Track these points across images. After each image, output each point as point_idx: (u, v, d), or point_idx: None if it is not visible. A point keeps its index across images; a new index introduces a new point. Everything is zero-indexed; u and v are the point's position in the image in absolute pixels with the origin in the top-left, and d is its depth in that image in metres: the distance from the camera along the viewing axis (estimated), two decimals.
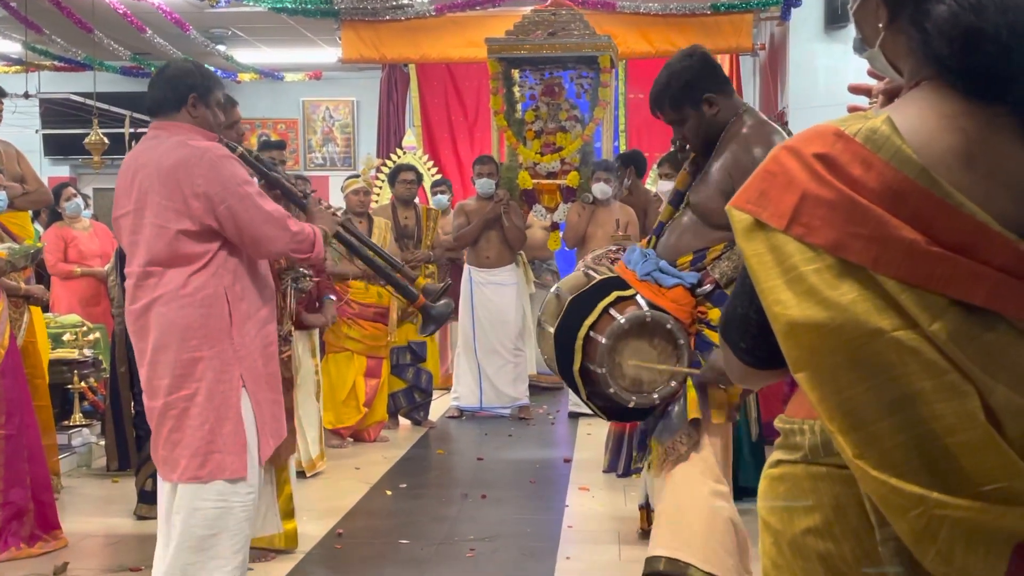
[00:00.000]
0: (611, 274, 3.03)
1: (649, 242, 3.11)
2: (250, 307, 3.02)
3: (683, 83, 2.92)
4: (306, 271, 4.40)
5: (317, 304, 5.15)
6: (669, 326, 2.85)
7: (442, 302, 3.98)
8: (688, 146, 3.05)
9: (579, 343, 2.94)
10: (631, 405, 2.90)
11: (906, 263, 1.06)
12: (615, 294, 2.93)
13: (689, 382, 2.86)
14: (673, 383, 2.88)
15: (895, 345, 1.05)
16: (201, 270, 2.94)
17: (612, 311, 2.90)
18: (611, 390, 2.88)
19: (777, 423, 1.31)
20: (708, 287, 2.87)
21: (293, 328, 4.36)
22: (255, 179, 3.11)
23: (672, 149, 6.12)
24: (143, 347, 3.00)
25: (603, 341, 2.85)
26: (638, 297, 2.91)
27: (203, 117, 3.06)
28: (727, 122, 2.93)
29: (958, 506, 1.05)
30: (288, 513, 4.05)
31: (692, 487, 2.84)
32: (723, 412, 2.86)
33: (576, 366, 2.97)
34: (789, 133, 2.97)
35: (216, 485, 2.93)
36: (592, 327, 2.92)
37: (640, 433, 3.14)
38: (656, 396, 2.89)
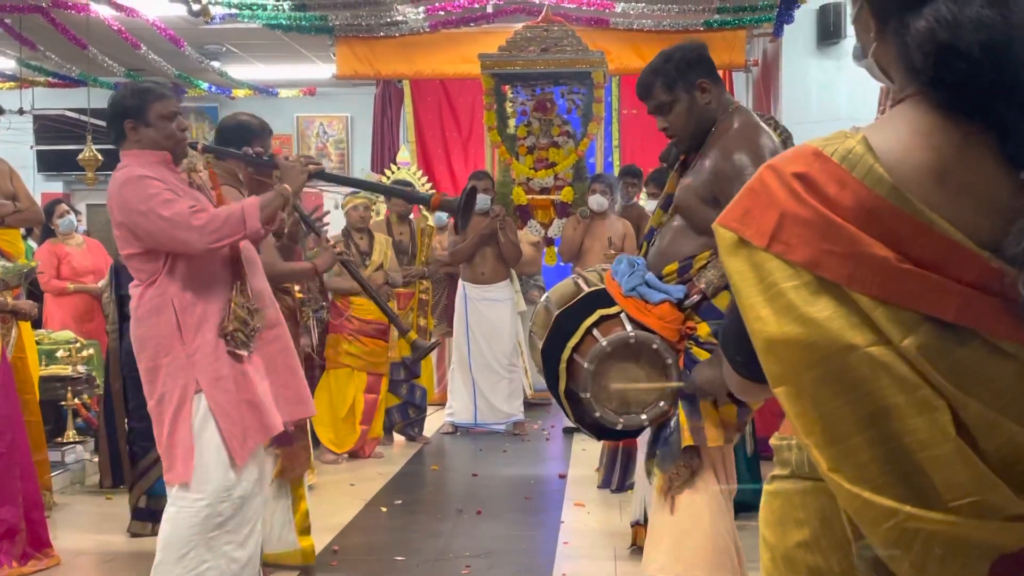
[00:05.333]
0: (599, 285, 2.91)
1: (642, 250, 3.01)
2: (206, 311, 3.08)
3: (681, 63, 2.83)
4: (324, 302, 4.45)
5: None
6: (655, 346, 2.73)
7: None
8: (673, 137, 2.91)
9: (563, 366, 2.84)
10: (619, 427, 2.80)
11: (879, 280, 1.07)
12: (599, 313, 2.81)
13: (680, 406, 2.75)
14: (663, 403, 2.76)
15: (868, 360, 1.07)
16: (151, 285, 3.08)
17: (595, 332, 2.79)
18: (597, 414, 2.77)
19: (771, 440, 1.33)
20: (695, 298, 2.75)
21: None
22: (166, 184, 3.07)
23: (660, 167, 6.15)
24: None
25: (586, 365, 2.74)
26: (623, 316, 2.79)
27: (147, 137, 3.13)
28: (716, 118, 2.82)
29: (931, 519, 1.06)
30: (305, 529, 4.04)
31: (696, 511, 2.76)
32: (720, 434, 2.74)
33: (561, 388, 2.88)
34: (784, 131, 2.91)
35: (172, 490, 3.06)
36: (576, 348, 2.81)
37: (649, 444, 2.98)
38: (645, 417, 2.78)
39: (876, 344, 1.07)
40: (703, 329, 2.74)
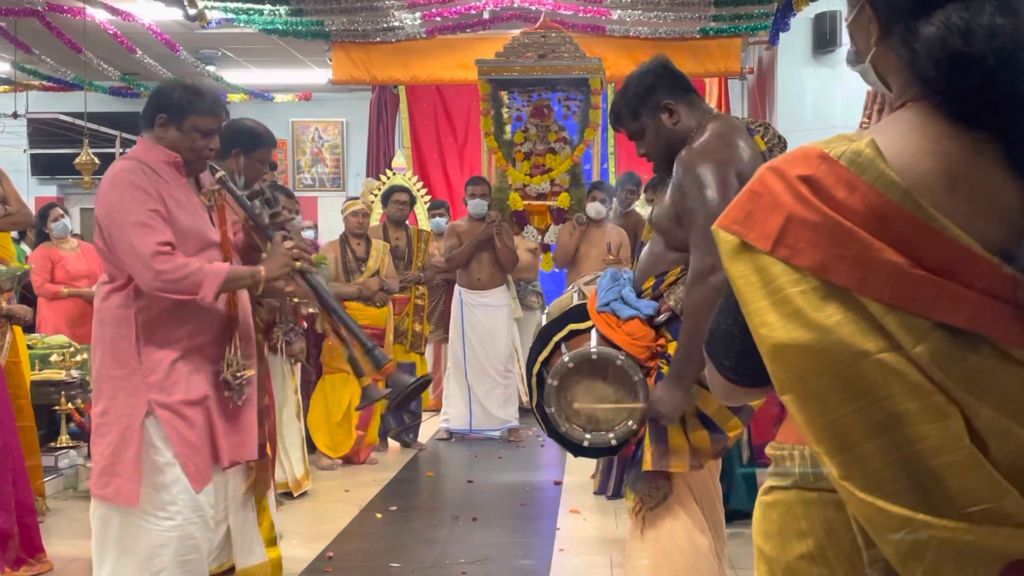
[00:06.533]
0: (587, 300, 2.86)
1: (633, 264, 2.99)
2: (169, 335, 2.92)
3: (641, 91, 2.75)
4: (294, 326, 4.23)
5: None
6: (619, 362, 2.64)
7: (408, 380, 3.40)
8: (652, 162, 2.84)
9: (533, 380, 2.80)
10: (586, 444, 2.72)
11: (890, 286, 1.06)
12: (569, 327, 2.76)
13: (648, 428, 2.65)
14: (631, 423, 2.67)
15: (880, 367, 1.05)
16: (119, 289, 2.93)
17: (563, 347, 2.74)
18: (562, 430, 2.71)
19: (768, 450, 1.31)
20: (665, 316, 2.67)
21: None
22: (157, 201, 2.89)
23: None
24: None
25: (549, 380, 2.70)
26: (593, 331, 2.73)
27: (172, 138, 2.99)
28: (688, 135, 2.71)
29: (944, 527, 1.05)
30: (271, 541, 3.96)
31: (672, 533, 2.70)
32: (685, 460, 2.64)
33: (533, 403, 2.84)
34: (774, 138, 2.83)
35: (103, 503, 2.92)
36: (546, 363, 2.76)
37: (628, 463, 2.93)
38: (612, 436, 2.69)
39: (888, 350, 1.06)
40: (673, 347, 2.65)
